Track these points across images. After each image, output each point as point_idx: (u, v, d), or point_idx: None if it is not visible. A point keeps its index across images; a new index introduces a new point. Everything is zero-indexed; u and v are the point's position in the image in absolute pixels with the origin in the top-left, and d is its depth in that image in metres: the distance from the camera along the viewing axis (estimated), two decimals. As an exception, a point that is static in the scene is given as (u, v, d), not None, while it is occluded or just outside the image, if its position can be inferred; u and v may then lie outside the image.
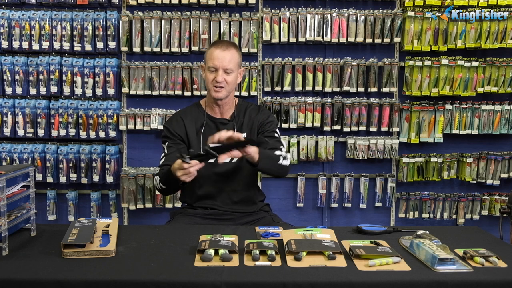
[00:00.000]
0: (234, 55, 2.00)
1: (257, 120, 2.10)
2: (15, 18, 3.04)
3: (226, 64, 1.96)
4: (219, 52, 1.97)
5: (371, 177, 3.28)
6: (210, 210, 2.07)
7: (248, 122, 2.09)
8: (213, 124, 2.08)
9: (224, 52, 1.98)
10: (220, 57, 1.96)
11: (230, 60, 1.97)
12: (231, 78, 1.99)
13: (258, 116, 2.11)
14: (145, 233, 1.62)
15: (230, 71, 1.98)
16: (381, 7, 3.16)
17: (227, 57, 1.97)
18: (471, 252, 1.36)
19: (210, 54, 2.00)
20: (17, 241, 1.49)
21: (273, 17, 3.08)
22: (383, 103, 3.16)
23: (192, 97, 3.10)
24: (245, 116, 2.10)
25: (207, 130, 2.05)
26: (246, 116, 2.10)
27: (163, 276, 1.23)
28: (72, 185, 3.20)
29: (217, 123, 2.08)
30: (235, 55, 2.01)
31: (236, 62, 2.01)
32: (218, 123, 2.08)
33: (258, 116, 2.11)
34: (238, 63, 2.03)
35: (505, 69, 3.17)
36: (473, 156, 3.22)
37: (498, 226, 2.01)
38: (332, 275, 1.24)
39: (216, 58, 1.97)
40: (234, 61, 2.00)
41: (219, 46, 2.00)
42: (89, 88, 3.09)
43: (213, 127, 2.07)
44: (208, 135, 1.98)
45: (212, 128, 2.06)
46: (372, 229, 1.64)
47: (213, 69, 1.98)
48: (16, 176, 1.48)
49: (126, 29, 3.07)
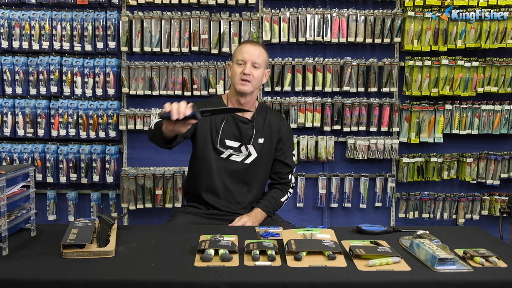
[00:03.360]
0: (263, 52, 2.07)
1: (278, 129, 2.15)
2: (15, 18, 3.04)
3: (255, 58, 2.02)
4: (249, 47, 2.05)
5: (371, 177, 3.28)
6: (212, 209, 2.07)
7: (268, 128, 2.13)
8: (233, 121, 2.08)
9: (254, 47, 2.05)
10: (250, 51, 2.03)
11: (259, 56, 2.04)
12: (258, 73, 2.04)
13: (279, 125, 2.16)
14: (145, 233, 1.62)
15: (258, 65, 2.03)
16: (381, 7, 3.16)
17: (256, 52, 2.03)
18: (471, 252, 1.36)
19: (239, 49, 2.07)
20: (17, 241, 1.49)
21: (273, 17, 3.08)
22: (383, 103, 3.16)
23: (192, 97, 3.10)
24: (265, 121, 2.14)
25: (226, 126, 2.07)
26: (266, 121, 2.14)
27: (163, 276, 1.22)
28: (72, 185, 3.20)
29: (236, 121, 2.09)
30: (264, 53, 2.08)
31: (264, 59, 2.07)
32: (238, 121, 2.09)
33: (279, 125, 2.16)
34: (265, 61, 2.09)
35: (505, 69, 3.17)
36: (473, 156, 3.22)
37: (498, 226, 2.01)
38: (332, 275, 1.24)
39: (246, 52, 2.03)
40: (263, 57, 2.06)
41: (249, 42, 2.13)
42: (89, 88, 3.09)
43: (232, 124, 2.08)
44: (227, 131, 2.02)
45: (231, 125, 2.08)
46: (372, 229, 1.64)
47: (242, 62, 2.03)
48: (16, 176, 1.48)
49: (126, 29, 3.07)
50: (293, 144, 2.26)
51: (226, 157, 2.07)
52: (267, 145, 2.12)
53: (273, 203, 2.10)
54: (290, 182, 2.18)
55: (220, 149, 2.06)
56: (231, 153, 2.07)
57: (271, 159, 2.15)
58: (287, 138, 2.17)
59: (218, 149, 2.05)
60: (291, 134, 2.23)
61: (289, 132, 2.21)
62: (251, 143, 2.08)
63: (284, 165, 2.16)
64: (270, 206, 2.08)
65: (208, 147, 2.06)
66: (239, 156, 2.08)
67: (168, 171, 3.13)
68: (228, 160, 2.07)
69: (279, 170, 2.16)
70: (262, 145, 2.10)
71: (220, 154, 2.06)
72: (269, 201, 2.10)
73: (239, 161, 2.08)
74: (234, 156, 2.07)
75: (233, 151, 2.07)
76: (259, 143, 2.10)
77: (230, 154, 2.07)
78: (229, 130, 2.07)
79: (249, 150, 2.08)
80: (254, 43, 2.12)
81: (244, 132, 2.08)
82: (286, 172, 2.17)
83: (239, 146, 2.08)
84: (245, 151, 2.08)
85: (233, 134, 2.07)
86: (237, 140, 2.08)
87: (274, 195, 2.13)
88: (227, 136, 2.06)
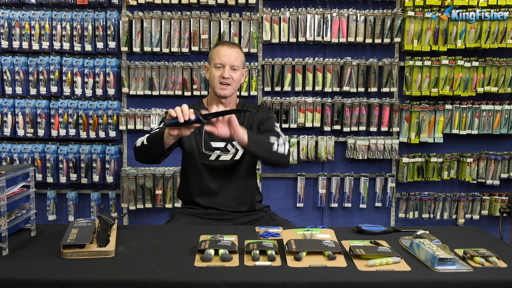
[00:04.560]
0: (240, 53, 2.06)
1: (257, 118, 2.11)
2: (15, 18, 3.04)
3: (233, 61, 2.00)
4: (226, 49, 2.02)
5: (371, 177, 3.28)
6: (210, 209, 2.07)
7: (248, 121, 2.11)
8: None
9: (231, 49, 2.02)
10: (227, 54, 2.00)
11: (236, 58, 2.02)
12: (236, 76, 2.03)
13: (257, 114, 2.12)
14: (145, 233, 1.61)
15: (236, 68, 2.02)
16: (381, 7, 3.16)
17: (234, 54, 2.01)
18: (471, 252, 1.36)
19: (216, 52, 2.03)
20: (17, 241, 1.49)
21: (273, 17, 3.08)
22: (383, 103, 3.16)
23: (192, 97, 3.11)
24: (245, 116, 2.12)
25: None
26: (246, 116, 2.12)
27: (163, 276, 1.22)
28: (72, 185, 3.20)
29: None
30: (241, 53, 2.07)
31: (241, 60, 2.06)
32: None
33: (257, 114, 2.12)
34: (243, 62, 2.08)
35: (505, 69, 3.17)
36: (473, 156, 3.22)
37: (498, 226, 2.01)
38: (332, 275, 1.24)
39: (224, 55, 2.00)
40: (240, 59, 2.05)
41: (225, 44, 2.06)
42: (89, 88, 3.09)
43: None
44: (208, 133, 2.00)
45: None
46: (372, 229, 1.63)
47: (220, 65, 2.00)
48: (16, 176, 1.47)
49: (126, 29, 3.07)
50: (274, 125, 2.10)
51: (215, 159, 2.06)
52: None
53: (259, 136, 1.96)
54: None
55: (206, 152, 2.05)
56: (219, 154, 2.06)
57: None
58: (266, 120, 2.09)
59: (204, 153, 2.05)
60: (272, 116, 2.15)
61: (268, 114, 2.13)
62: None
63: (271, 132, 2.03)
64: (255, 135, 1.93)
65: (194, 153, 2.05)
66: (228, 155, 2.07)
67: (168, 171, 3.13)
68: (218, 161, 2.06)
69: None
70: None
71: (208, 157, 2.06)
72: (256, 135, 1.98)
73: (229, 159, 2.07)
74: (223, 156, 2.07)
75: (220, 152, 2.06)
76: None
77: (219, 155, 2.06)
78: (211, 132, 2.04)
79: (236, 146, 2.07)
80: (230, 44, 2.09)
81: None
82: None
83: (225, 145, 2.07)
84: (232, 149, 2.07)
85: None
86: (221, 140, 2.06)
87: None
88: (212, 138, 2.04)
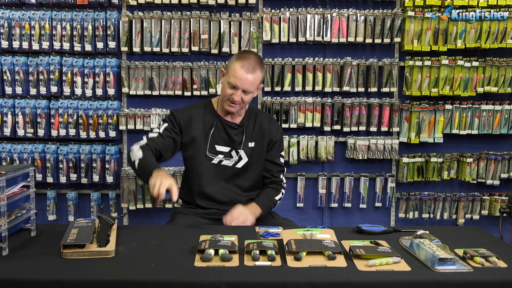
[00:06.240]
0: (258, 77, 1.98)
1: (268, 132, 2.12)
2: (15, 18, 3.04)
3: (247, 87, 1.95)
4: (243, 73, 1.93)
5: (371, 177, 3.28)
6: (211, 210, 2.07)
7: (258, 131, 2.11)
8: (222, 127, 2.08)
9: (248, 75, 1.93)
10: (243, 79, 1.93)
11: (252, 83, 1.96)
12: (248, 98, 2.00)
13: (269, 128, 2.13)
14: (145, 233, 1.62)
15: (249, 92, 1.98)
16: (381, 7, 3.16)
17: (250, 80, 1.94)
18: (471, 252, 1.36)
19: (234, 71, 1.94)
20: (17, 241, 1.49)
21: (273, 17, 3.08)
22: (383, 103, 3.16)
23: (192, 97, 3.11)
24: (255, 124, 2.12)
25: (216, 132, 2.06)
26: (256, 124, 2.12)
27: (163, 276, 1.22)
28: (72, 185, 3.20)
29: (225, 126, 2.08)
30: (259, 77, 1.99)
31: (257, 83, 2.00)
32: (227, 127, 2.08)
33: (269, 128, 2.13)
34: (259, 81, 2.02)
35: (505, 69, 3.17)
36: (473, 156, 3.22)
37: (498, 226, 2.01)
38: (332, 275, 1.24)
39: (239, 79, 1.93)
40: (256, 83, 1.98)
41: (245, 66, 1.94)
42: (89, 88, 3.09)
43: (221, 129, 2.08)
44: (217, 136, 2.02)
45: (220, 130, 2.08)
46: (372, 229, 1.64)
47: (234, 86, 1.95)
48: (16, 176, 1.48)
49: (126, 29, 3.06)
50: (283, 145, 2.24)
51: (217, 163, 2.07)
52: (258, 149, 2.11)
53: (268, 200, 2.09)
54: (282, 182, 2.18)
55: (210, 155, 2.06)
56: (221, 158, 2.07)
57: (262, 162, 2.14)
58: (277, 140, 2.15)
59: (208, 155, 2.05)
60: (281, 137, 2.21)
61: (280, 134, 2.18)
62: (241, 147, 2.08)
63: (275, 165, 2.15)
64: (265, 203, 2.06)
65: (197, 155, 2.06)
66: (230, 161, 2.07)
67: (168, 171, 3.12)
68: (220, 165, 2.07)
69: (270, 169, 2.15)
70: (252, 149, 2.10)
71: (211, 160, 2.06)
72: (264, 198, 2.09)
73: (231, 166, 2.08)
74: (225, 161, 2.07)
75: (223, 156, 2.07)
76: (249, 147, 2.09)
77: (221, 159, 2.07)
78: (219, 135, 2.07)
79: (240, 154, 2.08)
80: (250, 69, 1.93)
81: (234, 137, 2.08)
82: (277, 171, 2.16)
83: (229, 151, 2.08)
84: (235, 156, 2.08)
85: (222, 139, 2.07)
86: (227, 145, 2.07)
87: (268, 193, 2.12)
88: (217, 141, 2.06)
